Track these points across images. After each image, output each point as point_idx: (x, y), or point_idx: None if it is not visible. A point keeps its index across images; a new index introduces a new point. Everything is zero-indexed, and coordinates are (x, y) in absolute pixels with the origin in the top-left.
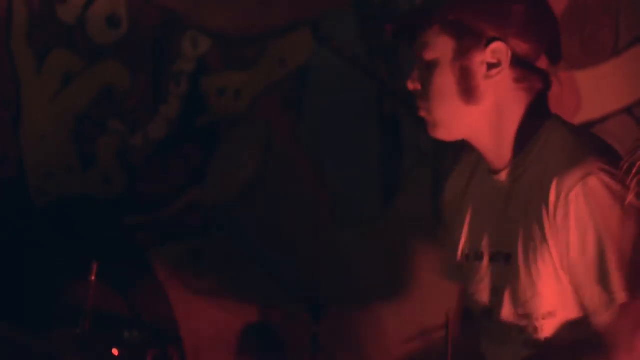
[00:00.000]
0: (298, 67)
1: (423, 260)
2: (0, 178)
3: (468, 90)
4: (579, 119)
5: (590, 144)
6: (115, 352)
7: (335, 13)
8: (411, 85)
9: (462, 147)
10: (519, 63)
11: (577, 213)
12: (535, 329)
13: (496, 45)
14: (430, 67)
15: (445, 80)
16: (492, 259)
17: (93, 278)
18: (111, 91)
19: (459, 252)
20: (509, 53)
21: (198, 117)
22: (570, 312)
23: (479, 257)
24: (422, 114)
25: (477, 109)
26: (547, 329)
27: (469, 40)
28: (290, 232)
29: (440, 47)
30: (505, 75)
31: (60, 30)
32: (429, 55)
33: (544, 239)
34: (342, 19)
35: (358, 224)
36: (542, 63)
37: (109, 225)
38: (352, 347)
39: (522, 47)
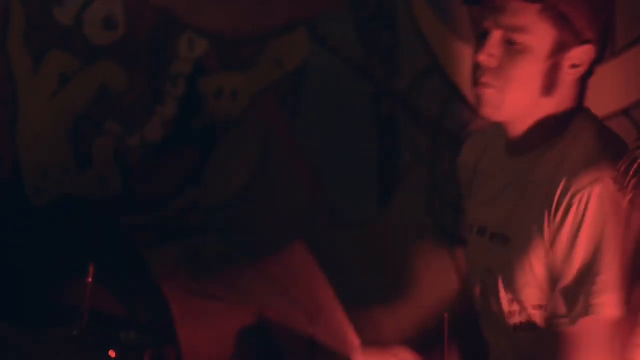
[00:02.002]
0: (295, 68)
1: (420, 261)
2: None
3: (550, 85)
4: None
5: (609, 148)
6: (112, 354)
7: (332, 14)
8: (485, 59)
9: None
10: (591, 64)
11: (575, 216)
12: (528, 316)
13: (589, 47)
14: (519, 50)
15: (534, 70)
16: (493, 238)
17: (90, 279)
18: (108, 92)
19: (467, 223)
20: (593, 56)
21: (195, 118)
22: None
23: (482, 232)
24: (488, 91)
25: (545, 101)
26: (538, 320)
27: (568, 36)
28: (287, 233)
29: (540, 35)
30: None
31: (57, 31)
32: (522, 38)
33: (541, 233)
34: (339, 19)
35: (355, 225)
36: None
37: (106, 226)
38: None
39: (597, 51)
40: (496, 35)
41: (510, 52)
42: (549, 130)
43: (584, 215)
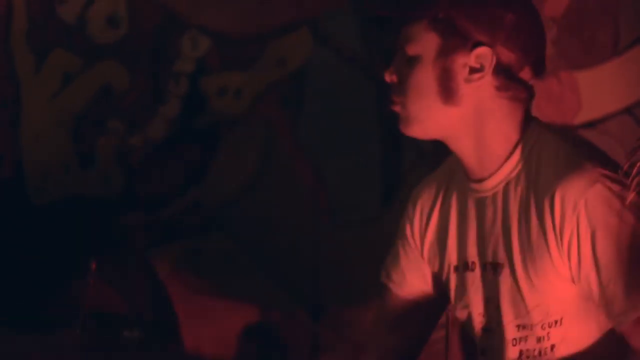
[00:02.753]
0: (298, 67)
1: None
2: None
3: (447, 91)
4: (579, 119)
5: (582, 149)
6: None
7: (334, 13)
8: (388, 77)
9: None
10: (502, 72)
11: (587, 222)
12: (539, 339)
13: (481, 50)
14: (411, 62)
15: (425, 77)
16: (485, 269)
17: (92, 278)
18: (111, 91)
19: (445, 266)
20: (494, 59)
21: (197, 117)
22: (579, 321)
23: (471, 268)
24: (396, 108)
25: (456, 110)
26: (553, 337)
27: (455, 40)
28: (289, 232)
29: (425, 43)
30: (486, 82)
31: (60, 30)
32: (411, 50)
33: (547, 249)
34: (342, 19)
35: (358, 223)
36: (527, 74)
37: (109, 225)
38: (351, 348)
39: (508, 56)
40: (398, 53)
41: (405, 65)
42: (501, 150)
43: (594, 217)
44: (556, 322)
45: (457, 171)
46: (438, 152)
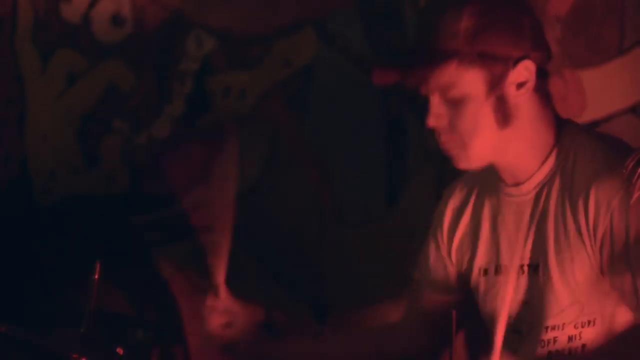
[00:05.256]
0: (303, 67)
1: None
2: (5, 177)
3: (505, 117)
4: (584, 118)
5: (617, 150)
6: (119, 351)
7: (340, 13)
8: (434, 123)
9: None
10: (538, 74)
11: (621, 220)
12: (570, 338)
13: (524, 63)
14: (459, 104)
15: (481, 113)
16: (519, 271)
17: (97, 277)
18: (116, 90)
19: (474, 268)
20: (534, 67)
21: (203, 116)
22: (611, 321)
23: (503, 271)
24: (449, 148)
25: (510, 131)
26: (585, 337)
27: (498, 66)
28: (294, 232)
29: (469, 82)
30: (529, 89)
31: (64, 29)
32: (454, 93)
33: (583, 247)
34: (347, 19)
35: (363, 224)
36: (549, 65)
37: (114, 224)
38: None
39: (538, 57)
40: (434, 98)
41: (453, 107)
42: (538, 151)
43: (627, 218)
44: (589, 322)
45: (490, 175)
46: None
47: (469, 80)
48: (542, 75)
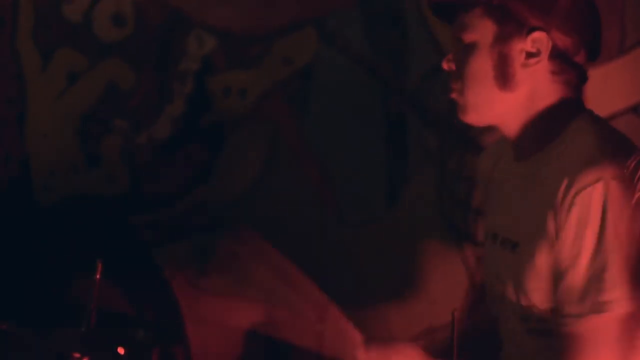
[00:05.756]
0: (304, 66)
1: (428, 259)
2: (5, 177)
3: (504, 77)
4: None
5: (612, 147)
6: (121, 350)
7: (340, 12)
8: (446, 65)
9: (469, 147)
10: (558, 56)
11: (580, 215)
12: (539, 320)
13: (537, 34)
14: (468, 49)
15: (482, 64)
16: (502, 244)
17: (98, 276)
18: (116, 90)
19: (485, 235)
20: (550, 44)
21: (203, 116)
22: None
23: (494, 239)
24: (454, 95)
25: (511, 96)
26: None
27: (511, 26)
28: (295, 232)
29: (481, 30)
30: (542, 66)
31: (65, 29)
32: (468, 37)
33: (545, 234)
34: (348, 18)
35: (363, 223)
36: (582, 58)
37: (114, 224)
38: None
39: (563, 40)
40: (455, 41)
41: (462, 52)
42: (547, 132)
43: (587, 213)
44: (551, 310)
45: (506, 147)
46: (445, 150)
47: (482, 28)
48: (569, 63)
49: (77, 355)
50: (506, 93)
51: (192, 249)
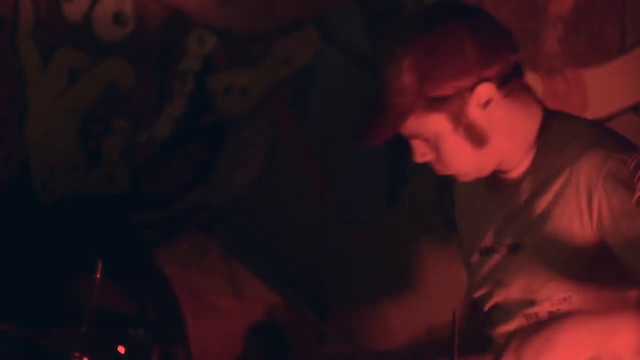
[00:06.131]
0: (304, 65)
1: (429, 259)
2: (6, 176)
3: (479, 138)
4: (585, 117)
5: (600, 130)
6: (121, 349)
7: (341, 11)
8: (421, 159)
9: None
10: (500, 81)
11: (600, 198)
12: (550, 314)
13: (479, 89)
14: (433, 142)
15: (456, 145)
16: (499, 252)
17: (98, 276)
18: (116, 90)
19: (472, 249)
20: (491, 85)
21: (203, 115)
22: (585, 298)
23: (486, 253)
24: (448, 173)
25: (491, 145)
26: (563, 313)
27: (456, 103)
28: (295, 231)
29: (435, 124)
30: (497, 101)
31: (66, 28)
32: (427, 135)
33: (566, 222)
34: (348, 17)
35: (363, 222)
36: (512, 58)
37: (115, 223)
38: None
39: (493, 71)
40: (414, 143)
41: (432, 146)
42: (523, 142)
43: (613, 192)
44: (565, 299)
45: None
46: None
47: (434, 123)
48: (510, 77)
49: (77, 355)
50: (487, 146)
51: (192, 249)
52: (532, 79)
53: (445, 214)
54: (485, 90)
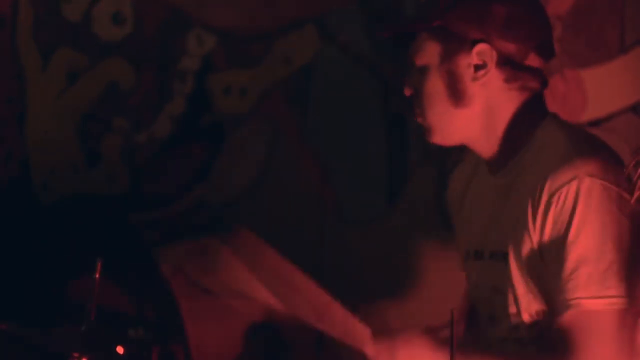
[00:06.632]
0: (304, 65)
1: (428, 258)
2: (6, 176)
3: (456, 94)
4: (585, 117)
5: (582, 146)
6: (120, 350)
7: (341, 11)
8: (406, 91)
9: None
10: (507, 63)
11: (556, 214)
12: (530, 326)
13: (480, 47)
14: (420, 72)
15: (435, 85)
16: (492, 257)
17: (98, 275)
18: (116, 89)
19: (466, 252)
20: (494, 54)
21: (203, 115)
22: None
23: (479, 256)
24: (418, 119)
25: (468, 111)
26: (542, 325)
27: (453, 44)
28: (295, 231)
29: (429, 53)
30: (493, 76)
31: (65, 28)
32: (419, 61)
33: (531, 239)
34: (348, 16)
35: (363, 222)
36: (535, 61)
37: (114, 223)
38: None
39: (507, 47)
40: (411, 67)
41: (417, 77)
42: (515, 140)
43: (564, 212)
44: (543, 311)
45: (480, 164)
46: (443, 150)
47: (429, 51)
48: (519, 68)
49: (76, 354)
50: (462, 109)
51: (192, 249)
52: None
53: (445, 214)
54: (485, 51)
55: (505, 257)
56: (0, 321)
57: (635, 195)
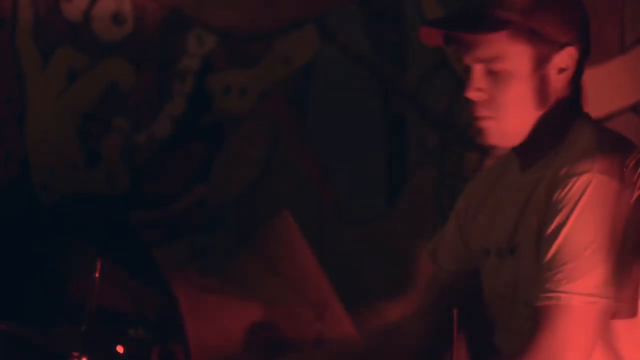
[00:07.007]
0: (304, 64)
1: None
2: (6, 176)
3: (543, 98)
4: None
5: (609, 146)
6: (120, 349)
7: (340, 11)
8: (474, 96)
9: (468, 146)
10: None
11: (559, 198)
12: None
13: (569, 50)
14: (500, 77)
15: (523, 91)
16: (499, 253)
17: (97, 276)
18: (116, 89)
19: (482, 249)
20: (577, 56)
21: (203, 115)
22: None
23: (485, 254)
24: (486, 123)
25: (541, 112)
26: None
27: (546, 48)
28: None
29: (517, 57)
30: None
31: (65, 28)
32: (500, 66)
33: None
34: (348, 17)
35: (363, 222)
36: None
37: (114, 222)
38: None
39: (580, 49)
40: (477, 69)
41: (495, 81)
42: (550, 137)
43: (567, 200)
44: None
45: (511, 161)
46: (445, 149)
47: (516, 55)
48: (579, 68)
49: (76, 354)
50: (540, 111)
51: (191, 248)
52: None
53: (445, 214)
54: (570, 55)
55: (513, 251)
56: (0, 321)
57: (636, 195)
